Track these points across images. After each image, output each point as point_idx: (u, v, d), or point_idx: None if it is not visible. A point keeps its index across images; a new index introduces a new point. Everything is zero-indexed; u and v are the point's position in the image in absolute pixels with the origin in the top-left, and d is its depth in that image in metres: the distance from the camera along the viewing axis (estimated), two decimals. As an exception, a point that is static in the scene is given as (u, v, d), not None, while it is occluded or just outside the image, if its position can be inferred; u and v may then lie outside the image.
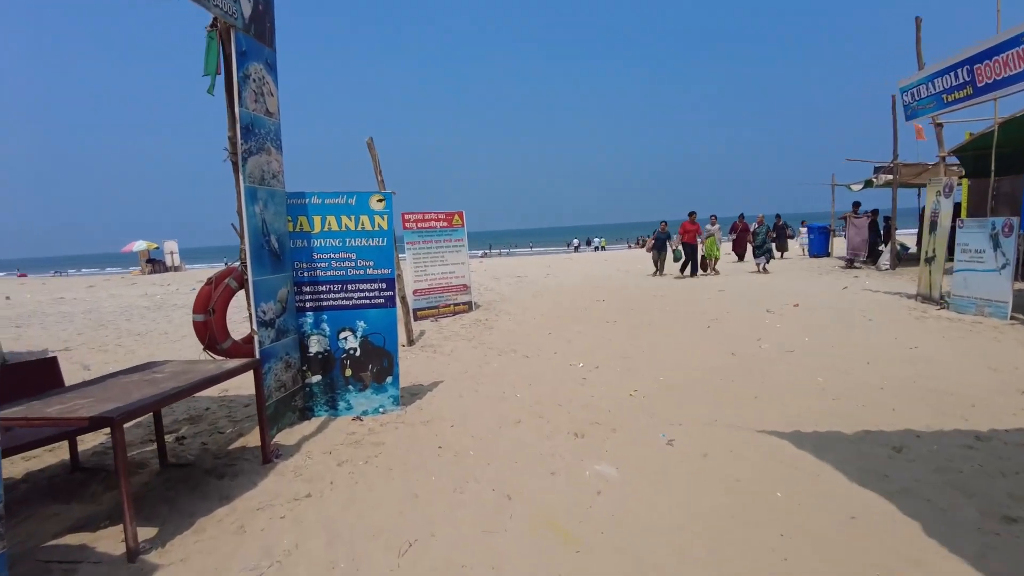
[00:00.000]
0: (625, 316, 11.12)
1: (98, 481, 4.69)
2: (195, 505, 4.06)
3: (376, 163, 9.05)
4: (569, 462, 4.53)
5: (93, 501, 4.34)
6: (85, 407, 3.44)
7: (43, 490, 4.60)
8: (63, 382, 5.01)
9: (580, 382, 6.75)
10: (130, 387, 3.90)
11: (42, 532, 3.82)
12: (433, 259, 12.47)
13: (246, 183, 4.98)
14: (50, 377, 4.94)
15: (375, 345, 5.93)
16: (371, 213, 5.81)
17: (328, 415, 5.90)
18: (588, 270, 23.38)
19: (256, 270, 5.11)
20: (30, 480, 4.80)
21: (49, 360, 4.99)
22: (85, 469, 4.94)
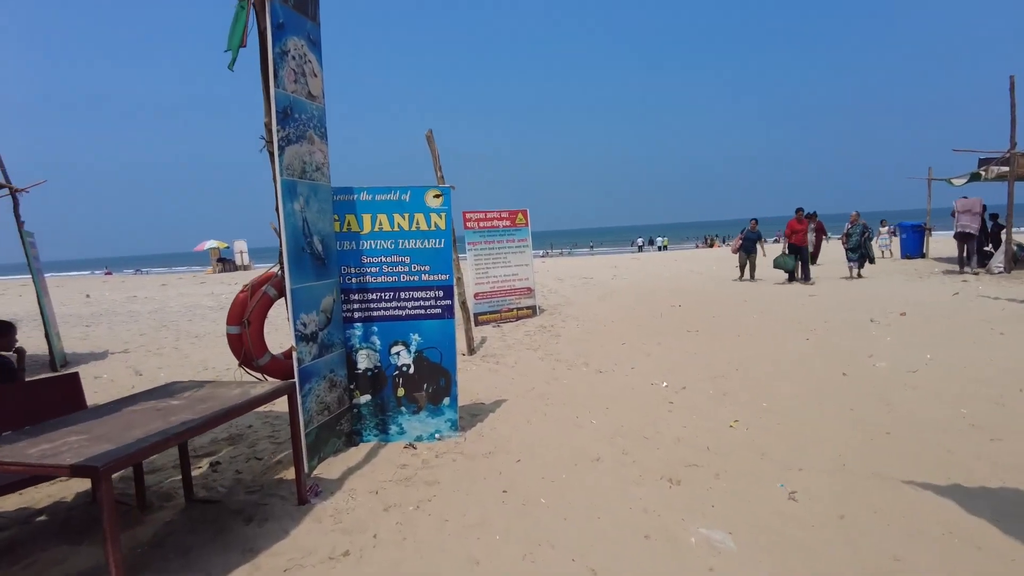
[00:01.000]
0: (708, 325, 10.04)
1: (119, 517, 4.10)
2: (213, 560, 3.38)
3: (436, 158, 8.34)
4: (666, 521, 3.62)
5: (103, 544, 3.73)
6: (73, 450, 2.80)
7: (57, 526, 4.05)
8: (84, 400, 4.48)
9: (666, 407, 5.80)
10: (135, 420, 3.25)
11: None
12: (495, 260, 11.71)
13: (283, 176, 4.30)
14: (71, 395, 4.42)
15: (431, 361, 5.17)
16: (427, 211, 5.05)
17: (378, 440, 5.19)
18: (658, 271, 22.17)
19: (295, 276, 4.43)
20: (47, 512, 4.28)
21: (71, 376, 4.46)
22: (107, 500, 4.38)
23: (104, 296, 24.46)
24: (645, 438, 4.98)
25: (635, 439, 4.97)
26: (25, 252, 9.54)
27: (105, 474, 2.57)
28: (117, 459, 2.64)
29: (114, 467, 2.62)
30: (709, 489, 4.01)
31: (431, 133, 8.30)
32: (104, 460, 2.61)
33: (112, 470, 2.61)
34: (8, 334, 5.09)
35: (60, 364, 9.52)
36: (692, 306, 12.31)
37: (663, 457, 4.57)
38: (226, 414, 3.38)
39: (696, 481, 4.15)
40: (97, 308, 19.18)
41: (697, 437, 4.97)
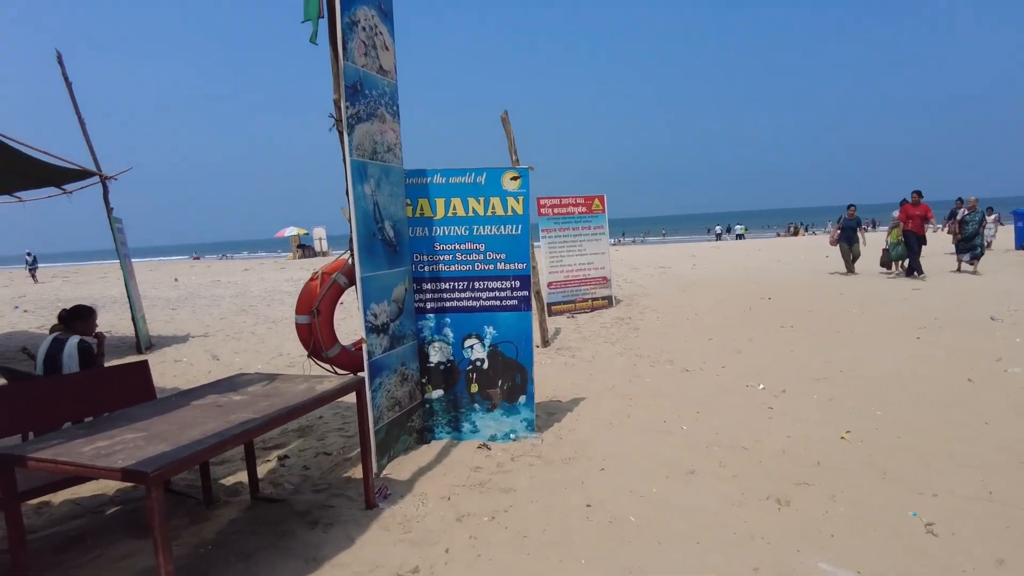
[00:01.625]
0: (803, 320, 9.24)
1: (184, 512, 3.97)
2: (274, 569, 3.14)
3: (511, 140, 7.95)
4: (778, 552, 3.11)
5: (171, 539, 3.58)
6: (127, 450, 2.58)
7: (126, 517, 3.96)
8: (152, 389, 4.37)
9: (765, 413, 5.22)
10: (194, 418, 3.03)
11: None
12: (570, 248, 11.24)
13: (352, 156, 4.01)
14: (141, 383, 4.32)
15: (506, 356, 4.81)
16: (504, 194, 4.67)
17: (451, 438, 4.88)
18: (741, 261, 21.07)
19: (366, 264, 4.15)
20: (118, 501, 4.20)
21: (140, 364, 4.36)
22: (175, 492, 4.27)
23: (191, 280, 25.58)
24: (744, 448, 4.45)
25: (733, 449, 4.44)
26: (113, 238, 9.82)
27: (155, 480, 2.33)
28: (167, 465, 2.40)
29: (164, 473, 2.38)
30: (825, 514, 3.47)
31: (506, 114, 7.91)
32: (154, 465, 2.37)
33: (162, 476, 2.37)
34: (89, 319, 5.08)
35: (145, 347, 9.79)
36: (783, 299, 11.46)
37: (767, 472, 4.04)
38: (288, 414, 3.12)
39: (808, 503, 3.60)
40: (183, 292, 20.00)
41: (804, 449, 4.39)
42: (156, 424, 2.96)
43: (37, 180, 9.66)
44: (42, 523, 3.97)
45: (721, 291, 13.12)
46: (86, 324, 5.06)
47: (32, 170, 8.83)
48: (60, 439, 2.81)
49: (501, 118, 8.00)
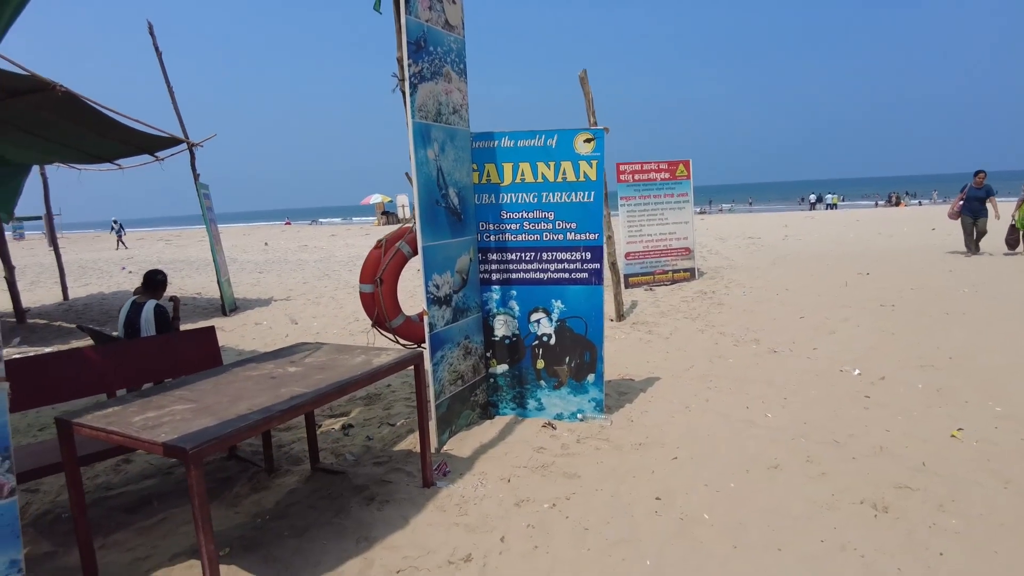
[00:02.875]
0: (906, 299, 8.40)
1: (246, 479, 3.99)
2: (326, 548, 3.06)
3: (589, 101, 7.52)
4: (875, 567, 2.72)
5: (231, 506, 3.60)
6: (174, 422, 2.52)
7: (193, 481, 4.01)
8: (219, 355, 4.39)
9: (861, 403, 4.71)
10: (246, 390, 2.95)
11: (164, 547, 3.09)
12: (651, 217, 10.72)
13: (415, 118, 3.79)
14: (207, 349, 4.34)
15: (574, 332, 4.53)
16: (576, 158, 4.34)
17: (515, 415, 4.69)
18: (838, 233, 19.65)
19: (428, 233, 3.95)
20: (187, 464, 4.28)
21: (207, 330, 4.38)
22: (240, 458, 4.31)
23: (280, 245, 26.64)
24: (836, 443, 4.00)
25: (823, 443, 4.00)
26: (200, 204, 10.17)
27: (194, 458, 2.24)
28: (207, 441, 2.30)
29: (204, 451, 2.28)
30: (932, 527, 3.02)
31: (585, 74, 7.48)
32: (194, 442, 2.28)
33: (202, 454, 2.27)
34: (158, 286, 5.17)
35: (229, 309, 10.16)
36: (883, 275, 10.51)
37: (862, 472, 3.59)
38: (339, 390, 2.99)
39: (912, 512, 3.16)
40: (272, 256, 20.81)
41: (907, 447, 3.89)
42: (208, 395, 2.90)
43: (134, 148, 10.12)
44: (119, 480, 4.10)
45: (815, 265, 12.21)
46: (156, 291, 5.16)
47: (130, 138, 9.24)
48: (119, 405, 2.79)
49: (579, 77, 7.58)
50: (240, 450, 4.40)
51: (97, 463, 4.16)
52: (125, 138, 9.19)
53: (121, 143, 9.55)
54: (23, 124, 7.90)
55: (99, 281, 16.49)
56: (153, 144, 10.05)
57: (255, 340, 8.06)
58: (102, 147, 9.71)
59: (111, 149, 9.93)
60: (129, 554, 3.16)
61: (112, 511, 3.66)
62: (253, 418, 2.56)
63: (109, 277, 17.38)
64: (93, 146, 9.63)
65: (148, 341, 4.38)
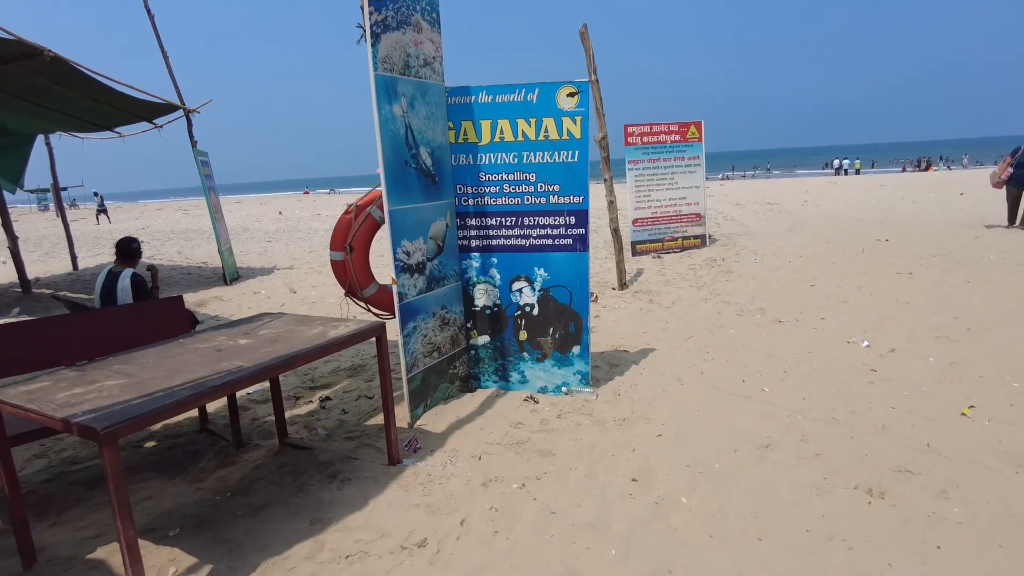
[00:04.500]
0: (925, 265, 7.99)
1: (214, 453, 3.84)
2: (279, 529, 2.89)
3: (590, 57, 7.14)
4: (863, 562, 2.47)
5: (195, 482, 3.46)
6: (99, 398, 2.34)
7: (161, 455, 3.89)
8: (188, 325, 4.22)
9: (867, 377, 4.41)
10: (187, 364, 2.77)
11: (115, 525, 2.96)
12: (660, 182, 10.32)
13: (377, 71, 3.51)
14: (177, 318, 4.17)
15: (558, 302, 4.28)
16: (558, 114, 4.03)
17: (497, 387, 4.48)
18: (860, 199, 18.97)
19: (395, 196, 3.70)
20: (157, 437, 4.15)
21: (175, 300, 4.20)
22: (211, 432, 4.17)
23: (294, 214, 26.55)
24: (835, 420, 3.73)
25: (821, 421, 3.73)
26: (198, 171, 10.00)
27: (107, 439, 2.05)
28: (123, 421, 2.11)
29: (119, 431, 2.09)
30: (931, 516, 2.76)
31: (585, 28, 7.08)
32: (108, 422, 2.09)
33: (117, 435, 2.09)
34: (134, 255, 5.00)
35: (231, 278, 10.05)
36: (903, 241, 10.05)
37: (860, 453, 3.32)
38: (286, 363, 2.78)
39: (910, 498, 2.90)
40: (284, 225, 20.72)
41: (912, 426, 3.61)
42: (146, 370, 2.72)
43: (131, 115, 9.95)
44: (87, 454, 3.98)
45: (833, 231, 11.75)
46: (131, 259, 4.99)
47: (124, 104, 9.06)
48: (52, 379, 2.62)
49: (580, 32, 7.18)
50: (210, 423, 4.26)
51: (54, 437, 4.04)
52: (120, 104, 9.02)
53: (117, 109, 9.40)
54: (18, 91, 7.78)
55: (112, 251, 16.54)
56: (149, 111, 9.88)
57: (251, 310, 7.93)
58: (98, 114, 9.57)
59: (108, 116, 9.79)
60: (79, 533, 3.03)
61: (72, 486, 3.54)
62: (181, 394, 2.37)
63: (122, 247, 17.40)
64: (89, 112, 9.49)
65: (113, 312, 4.22)
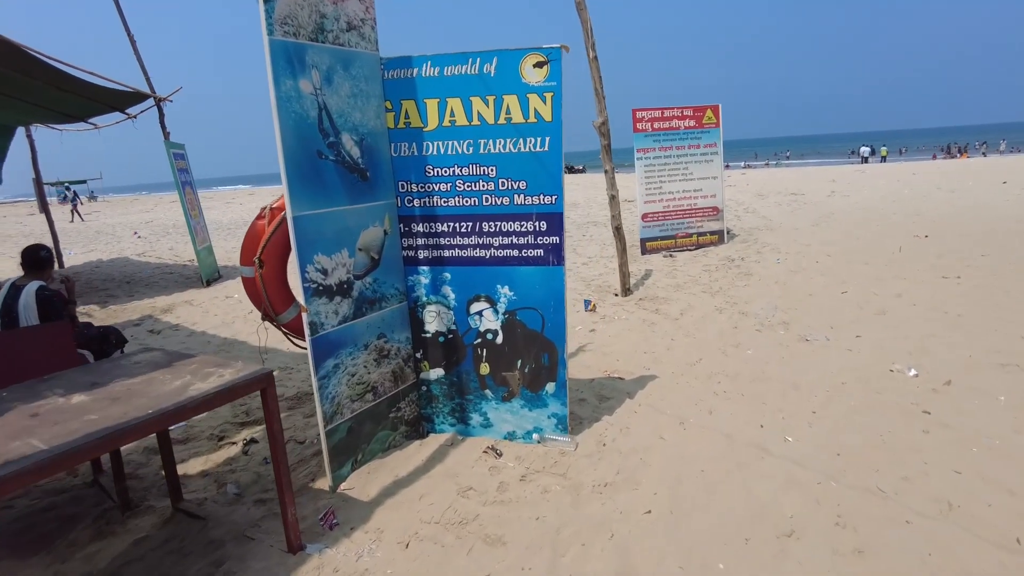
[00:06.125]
0: (975, 268, 6.96)
1: (93, 518, 3.06)
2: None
3: (587, 31, 6.23)
4: None
5: (54, 564, 2.68)
6: None
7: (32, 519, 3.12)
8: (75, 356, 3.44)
9: (919, 422, 3.48)
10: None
11: None
12: (672, 172, 9.36)
13: (273, 35, 2.66)
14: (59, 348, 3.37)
15: (528, 328, 3.41)
16: (523, 90, 3.14)
17: (455, 432, 3.63)
18: (891, 188, 17.73)
19: (302, 197, 2.86)
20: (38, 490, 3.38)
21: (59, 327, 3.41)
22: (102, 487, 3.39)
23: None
24: (881, 493, 2.82)
25: (862, 492, 2.83)
26: (170, 164, 9.25)
27: None
28: None
29: None
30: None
31: None
32: None
33: None
34: (45, 267, 4.21)
35: (209, 279, 9.33)
36: (945, 237, 8.98)
37: (919, 550, 2.42)
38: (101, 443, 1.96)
39: (1006, 635, 2.00)
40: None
41: (988, 506, 2.68)
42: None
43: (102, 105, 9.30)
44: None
45: (863, 226, 10.68)
46: (40, 270, 4.20)
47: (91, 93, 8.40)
48: None
49: (576, 3, 6.26)
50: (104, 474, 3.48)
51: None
52: (87, 93, 8.37)
53: (87, 99, 8.76)
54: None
55: (107, 247, 15.98)
56: (119, 100, 9.19)
57: (216, 317, 7.18)
58: (69, 104, 8.93)
59: (80, 107, 9.15)
60: None
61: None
62: None
63: (117, 242, 16.89)
64: (59, 103, 8.87)
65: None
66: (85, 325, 4.58)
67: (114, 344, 4.49)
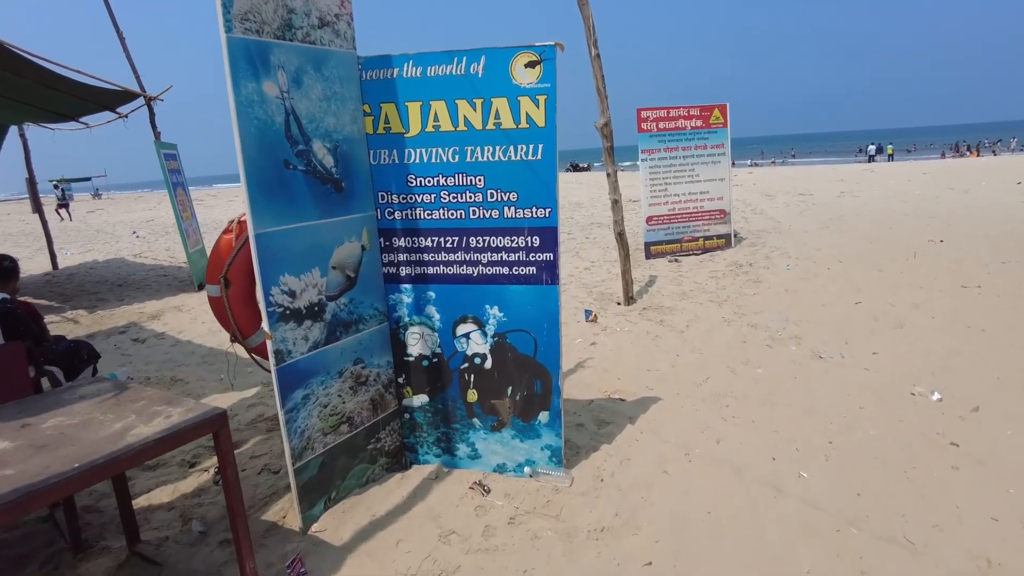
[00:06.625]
0: (994, 277, 6.63)
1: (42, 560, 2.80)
2: None
3: (589, 27, 5.93)
4: None
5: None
6: None
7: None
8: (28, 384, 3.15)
9: (947, 456, 3.18)
10: None
11: None
12: (678, 174, 9.05)
13: (231, 32, 2.38)
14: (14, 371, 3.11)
15: (519, 353, 3.13)
16: (514, 93, 2.86)
17: (440, 464, 3.35)
18: (901, 188, 17.34)
19: (267, 212, 2.58)
20: None
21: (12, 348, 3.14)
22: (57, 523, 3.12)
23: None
24: (909, 545, 2.52)
25: (888, 542, 2.53)
26: (161, 164, 9.00)
27: None
28: None
29: None
30: None
31: (583, -7, 5.86)
32: None
33: None
34: (9, 279, 3.94)
35: (200, 282, 9.08)
36: (961, 241, 8.64)
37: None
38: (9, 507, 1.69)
39: None
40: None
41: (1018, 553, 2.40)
42: None
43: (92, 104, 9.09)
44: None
45: (876, 228, 10.34)
46: (5, 284, 3.93)
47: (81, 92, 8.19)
48: None
49: (577, 0, 5.96)
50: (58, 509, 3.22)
51: None
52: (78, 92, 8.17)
53: (77, 99, 8.57)
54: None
55: (104, 247, 15.77)
56: (110, 99, 8.96)
57: (204, 324, 6.92)
58: (60, 103, 8.74)
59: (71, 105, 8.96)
60: None
61: None
62: None
63: (116, 242, 16.68)
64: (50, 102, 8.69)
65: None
66: (56, 339, 4.31)
67: (86, 360, 4.21)
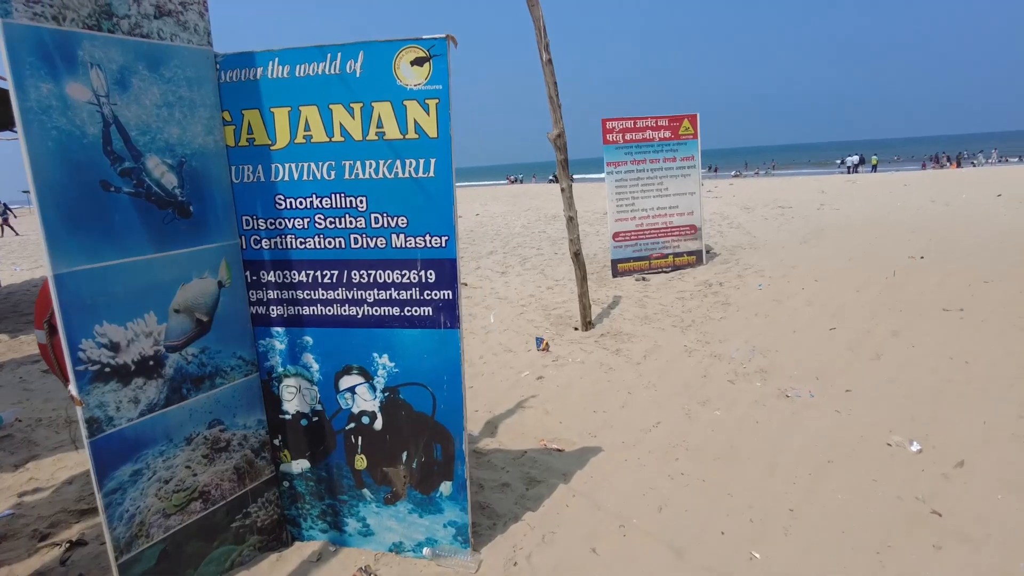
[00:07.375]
0: (978, 298, 6.18)
1: None
2: None
3: (539, 29, 5.46)
4: None
5: None
6: None
7: None
8: None
9: (927, 528, 2.67)
10: None
11: None
12: (646, 188, 8.58)
13: (10, 15, 1.85)
14: None
15: (414, 411, 2.59)
16: (399, 95, 2.34)
17: (327, 541, 2.80)
18: (883, 200, 16.99)
19: (69, 249, 2.03)
20: None
21: None
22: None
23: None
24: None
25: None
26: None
27: None
28: None
29: None
30: None
31: (531, -8, 5.39)
32: None
33: None
34: None
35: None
36: (944, 257, 8.21)
37: None
38: None
39: None
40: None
41: None
42: None
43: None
44: None
45: (856, 243, 9.92)
46: None
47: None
48: None
49: (526, 0, 5.49)
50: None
51: None
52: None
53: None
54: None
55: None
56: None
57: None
58: None
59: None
60: None
61: None
62: None
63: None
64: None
65: None
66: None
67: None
